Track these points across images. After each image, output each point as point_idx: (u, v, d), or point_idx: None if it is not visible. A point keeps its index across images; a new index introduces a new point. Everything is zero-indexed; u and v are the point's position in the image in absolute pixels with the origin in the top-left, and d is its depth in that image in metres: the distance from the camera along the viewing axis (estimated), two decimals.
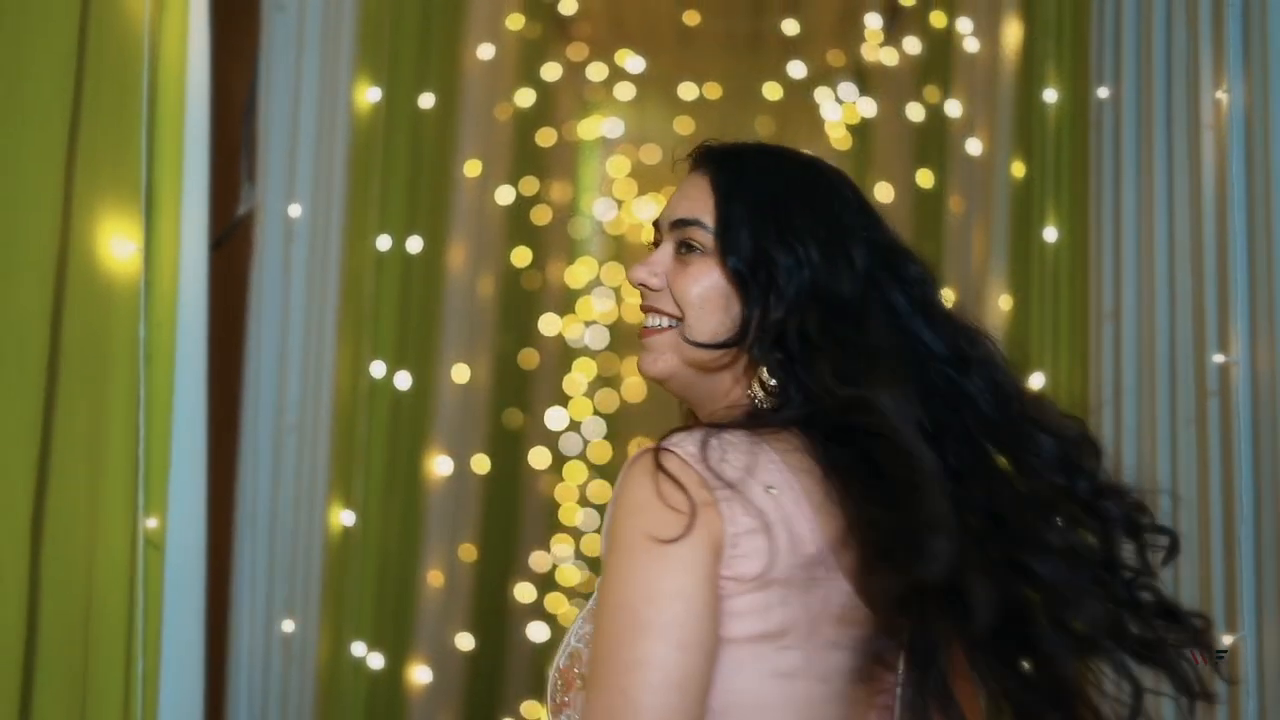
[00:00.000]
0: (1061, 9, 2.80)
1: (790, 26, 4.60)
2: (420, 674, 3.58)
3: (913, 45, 4.25)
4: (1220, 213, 1.93)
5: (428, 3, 3.44)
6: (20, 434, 1.57)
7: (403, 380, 3.34)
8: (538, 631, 4.45)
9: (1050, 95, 2.80)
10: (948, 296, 3.58)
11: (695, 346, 1.37)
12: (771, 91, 4.75)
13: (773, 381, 1.35)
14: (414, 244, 3.37)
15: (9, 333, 1.57)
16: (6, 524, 1.56)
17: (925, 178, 4.06)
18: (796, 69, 4.62)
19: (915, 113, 4.16)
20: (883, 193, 4.39)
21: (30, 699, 1.59)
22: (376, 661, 3.21)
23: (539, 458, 4.60)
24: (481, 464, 4.11)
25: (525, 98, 4.33)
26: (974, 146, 3.49)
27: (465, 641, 3.98)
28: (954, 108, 3.72)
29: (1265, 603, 1.77)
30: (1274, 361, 1.74)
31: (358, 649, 3.13)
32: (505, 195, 4.24)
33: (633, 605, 1.18)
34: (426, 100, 3.39)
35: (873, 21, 4.46)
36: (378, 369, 3.22)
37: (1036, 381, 2.74)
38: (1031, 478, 1.29)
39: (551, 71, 4.55)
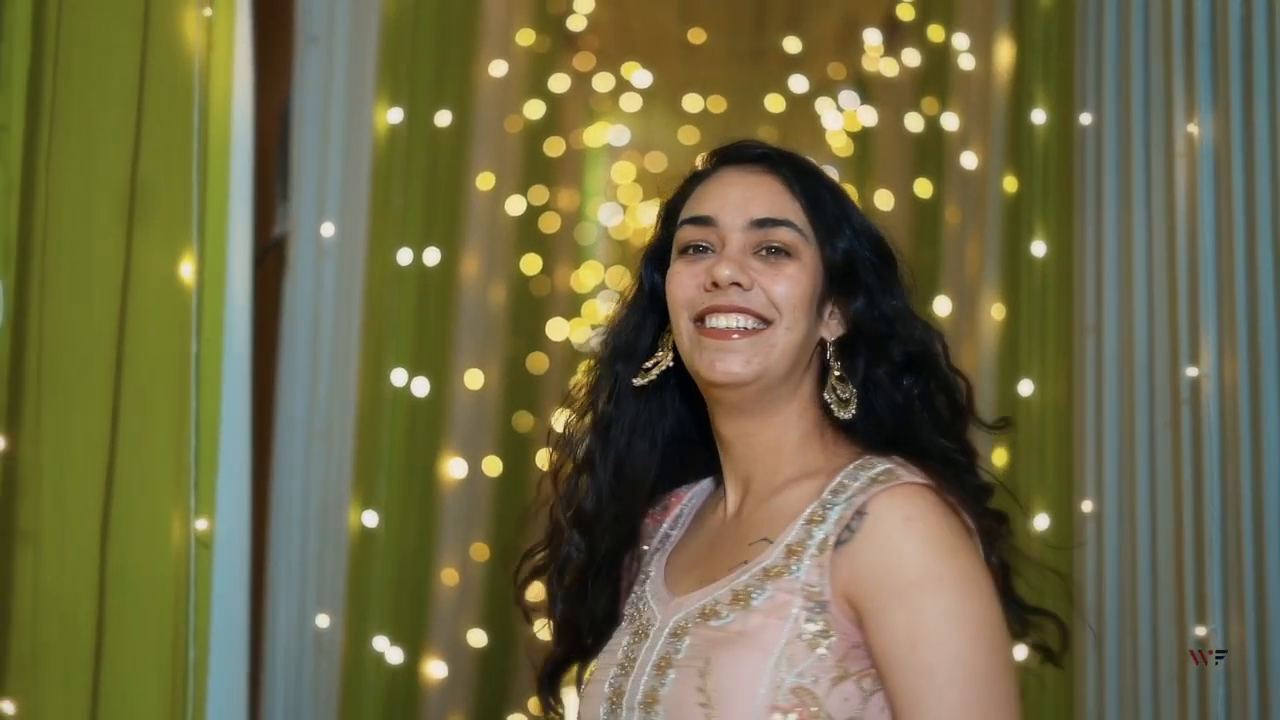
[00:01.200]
0: (1049, 35, 2.90)
1: (792, 44, 4.69)
2: (435, 669, 3.65)
3: (911, 58, 4.34)
4: (1192, 237, 2.06)
5: (443, 23, 3.53)
6: (92, 443, 1.72)
7: (420, 387, 3.42)
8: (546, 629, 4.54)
9: (1039, 116, 2.90)
10: (945, 304, 3.69)
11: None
12: (774, 104, 4.86)
13: (838, 389, 1.34)
14: (431, 256, 3.46)
15: (81, 349, 1.72)
16: (79, 526, 1.70)
17: (923, 187, 4.11)
18: (798, 83, 4.72)
19: (914, 123, 4.23)
20: (883, 200, 4.47)
21: (99, 686, 1.73)
22: (396, 656, 3.30)
23: (547, 459, 4.67)
24: (493, 466, 4.20)
25: (534, 109, 4.42)
26: (969, 160, 3.56)
27: (478, 638, 4.07)
28: (950, 121, 3.78)
29: (1231, 595, 1.90)
30: (1238, 374, 1.88)
31: (379, 644, 3.24)
32: (516, 205, 4.33)
33: (999, 646, 1.22)
34: (443, 118, 3.48)
35: (872, 37, 4.56)
36: (398, 377, 3.33)
37: (1025, 389, 2.87)
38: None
39: (559, 83, 4.64)
